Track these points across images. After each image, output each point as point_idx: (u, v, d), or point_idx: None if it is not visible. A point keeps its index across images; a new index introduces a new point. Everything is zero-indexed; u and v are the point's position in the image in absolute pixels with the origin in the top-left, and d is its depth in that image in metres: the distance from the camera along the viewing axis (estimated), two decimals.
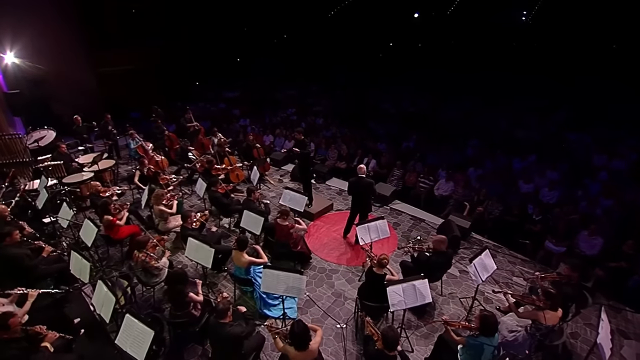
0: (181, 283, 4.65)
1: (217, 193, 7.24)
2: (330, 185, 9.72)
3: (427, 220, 8.07)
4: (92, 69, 14.60)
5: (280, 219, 6.10)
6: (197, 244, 5.59)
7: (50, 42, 12.87)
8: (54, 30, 13.08)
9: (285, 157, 10.75)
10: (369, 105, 16.64)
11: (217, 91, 18.60)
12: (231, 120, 14.29)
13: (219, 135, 10.06)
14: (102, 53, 14.71)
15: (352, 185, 6.78)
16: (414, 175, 10.04)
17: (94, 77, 14.66)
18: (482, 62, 19.67)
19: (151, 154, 9.42)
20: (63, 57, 13.44)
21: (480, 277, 5.05)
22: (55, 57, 13.12)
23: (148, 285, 5.56)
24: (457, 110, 15.18)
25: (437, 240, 5.32)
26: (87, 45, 14.31)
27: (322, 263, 6.71)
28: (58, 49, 13.22)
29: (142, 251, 5.44)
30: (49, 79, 13.17)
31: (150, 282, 5.52)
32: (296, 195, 6.99)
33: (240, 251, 5.36)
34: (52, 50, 13.00)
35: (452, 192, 9.27)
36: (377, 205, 8.57)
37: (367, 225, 5.97)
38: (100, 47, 14.57)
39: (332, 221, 7.95)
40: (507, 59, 19.47)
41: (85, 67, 14.42)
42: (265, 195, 9.00)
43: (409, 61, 21.69)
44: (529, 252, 7.32)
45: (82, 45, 14.19)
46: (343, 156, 11.12)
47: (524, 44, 19.53)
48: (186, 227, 6.06)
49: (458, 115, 14.77)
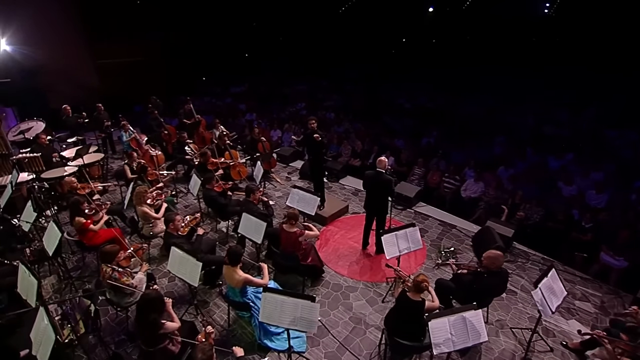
0: (155, 311, 3.35)
1: (212, 191, 5.94)
2: (344, 185, 8.36)
3: (458, 226, 6.68)
4: (92, 60, 13.42)
5: (286, 225, 4.76)
6: (181, 256, 4.30)
7: (46, 30, 11.70)
8: (50, 18, 11.90)
9: (294, 152, 9.42)
10: (382, 100, 15.26)
11: (224, 86, 17.36)
12: (237, 114, 13.02)
13: (220, 127, 8.78)
14: (102, 44, 13.51)
15: (369, 179, 5.44)
16: (438, 174, 8.66)
17: (94, 69, 13.48)
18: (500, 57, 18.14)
19: (145, 148, 8.16)
20: (60, 46, 12.26)
21: (550, 307, 3.66)
22: (52, 46, 11.94)
23: (120, 306, 4.27)
24: (478, 106, 13.74)
25: (491, 256, 3.93)
26: (86, 36, 13.13)
27: (337, 278, 5.36)
28: (55, 38, 12.06)
29: (110, 265, 4.16)
30: (46, 69, 12.00)
31: (122, 303, 4.24)
32: (306, 195, 5.66)
33: (232, 267, 4.04)
34: (49, 39, 11.82)
35: (482, 193, 7.88)
36: (399, 208, 7.20)
37: (395, 234, 4.61)
38: (100, 38, 13.37)
39: (348, 226, 6.60)
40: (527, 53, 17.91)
41: (85, 58, 13.25)
42: (270, 195, 7.68)
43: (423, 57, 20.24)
44: (578, 265, 5.93)
45: (82, 35, 13.01)
46: (357, 152, 9.77)
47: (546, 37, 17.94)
48: (170, 233, 4.77)
49: (480, 111, 13.33)
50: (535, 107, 12.94)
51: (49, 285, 5.34)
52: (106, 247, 4.24)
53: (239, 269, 4.06)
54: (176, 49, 15.71)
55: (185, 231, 5.05)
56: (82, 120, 8.98)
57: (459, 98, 14.98)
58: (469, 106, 14.02)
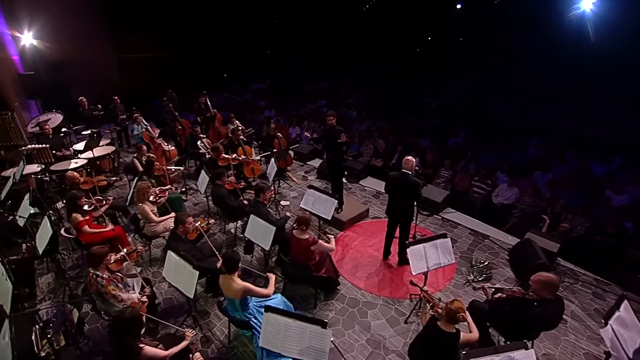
0: (129, 334, 2.77)
1: (222, 188, 5.35)
2: (364, 186, 7.64)
3: (492, 236, 5.83)
4: (115, 55, 13.22)
5: (297, 230, 4.11)
6: (177, 262, 3.73)
7: (71, 24, 11.50)
8: (75, 11, 11.70)
9: (312, 150, 8.77)
10: (406, 98, 14.41)
11: (245, 82, 16.92)
12: (255, 110, 12.50)
13: (236, 122, 8.25)
14: (126, 39, 13.28)
15: (393, 181, 4.72)
16: (467, 177, 7.82)
17: (117, 63, 13.28)
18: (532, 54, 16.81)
19: (158, 142, 7.73)
20: (85, 40, 12.04)
21: (626, 351, 2.84)
22: (76, 40, 11.74)
23: (108, 315, 3.74)
24: (510, 105, 12.69)
25: (543, 280, 3.13)
26: (110, 30, 12.92)
27: (354, 291, 4.67)
28: (80, 32, 11.83)
29: (98, 268, 3.64)
30: (70, 62, 11.84)
31: (111, 312, 3.68)
32: (323, 196, 5.00)
33: (229, 274, 3.43)
34: (73, 33, 11.62)
35: (517, 200, 7.01)
36: (425, 214, 6.41)
37: (424, 246, 3.88)
38: (124, 33, 13.12)
39: (368, 232, 5.89)
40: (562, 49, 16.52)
41: (109, 52, 13.05)
42: (285, 196, 7.08)
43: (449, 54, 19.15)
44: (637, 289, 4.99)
45: (106, 29, 12.80)
46: (380, 152, 9.04)
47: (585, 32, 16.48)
48: (178, 235, 4.19)
49: (511, 111, 12.29)
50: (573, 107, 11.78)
51: (45, 285, 4.93)
52: (93, 249, 3.71)
53: (237, 277, 3.45)
54: (198, 45, 15.37)
55: (194, 236, 4.50)
56: (97, 113, 8.66)
57: (488, 97, 13.97)
58: (500, 105, 13.00)
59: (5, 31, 10.37)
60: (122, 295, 3.67)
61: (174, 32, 14.68)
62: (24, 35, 10.68)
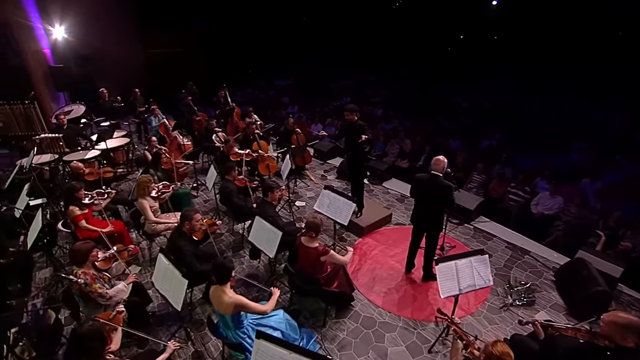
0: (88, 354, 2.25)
1: (231, 184, 4.82)
2: (388, 188, 6.92)
3: (533, 252, 4.97)
4: (143, 50, 13.13)
5: (305, 237, 3.49)
6: (166, 268, 3.20)
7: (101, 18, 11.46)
8: (105, 7, 11.68)
9: (333, 148, 8.12)
10: (435, 98, 13.48)
11: (269, 79, 16.50)
12: (278, 107, 12.01)
13: (254, 116, 7.74)
14: (152, 34, 13.15)
15: (420, 183, 4.00)
16: (503, 183, 6.93)
17: (144, 58, 13.19)
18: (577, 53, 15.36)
19: (174, 135, 7.34)
20: (114, 35, 12.02)
21: None
22: (105, 34, 11.73)
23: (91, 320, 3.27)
24: (551, 107, 11.52)
25: (619, 322, 2.32)
26: (138, 25, 12.83)
27: (370, 309, 3.99)
28: (109, 27, 11.79)
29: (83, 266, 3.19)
30: (98, 56, 11.83)
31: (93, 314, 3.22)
32: (339, 198, 4.35)
33: (219, 285, 2.86)
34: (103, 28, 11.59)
35: (560, 210, 6.09)
36: (455, 223, 5.62)
37: (455, 263, 3.15)
38: (151, 28, 13.00)
39: (390, 240, 5.18)
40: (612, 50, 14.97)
41: (136, 47, 12.97)
42: (301, 195, 6.48)
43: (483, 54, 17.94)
44: None
45: (134, 24, 12.73)
46: (406, 153, 8.27)
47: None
48: (183, 233, 3.67)
49: (552, 112, 11.13)
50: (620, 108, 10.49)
51: (42, 280, 4.59)
52: (76, 244, 3.26)
53: (230, 289, 2.87)
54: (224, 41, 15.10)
55: (200, 236, 3.98)
56: (117, 105, 8.41)
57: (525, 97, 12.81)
58: (538, 106, 11.84)
59: (38, 25, 10.44)
60: (108, 292, 3.22)
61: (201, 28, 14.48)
62: (56, 29, 10.72)
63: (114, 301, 3.29)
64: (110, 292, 3.25)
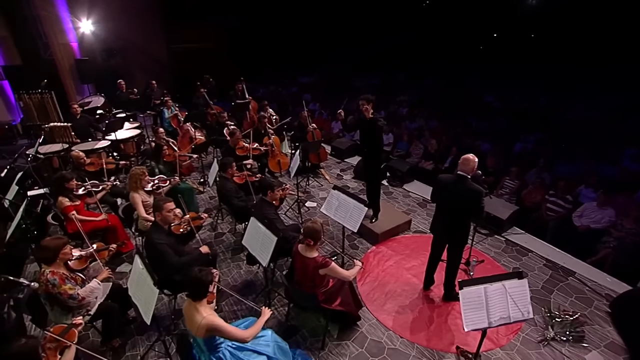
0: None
1: (229, 183, 4.33)
2: (409, 191, 6.23)
3: (578, 273, 4.16)
4: (166, 45, 13.03)
5: (302, 245, 2.93)
6: (140, 272, 2.74)
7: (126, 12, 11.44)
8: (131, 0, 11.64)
9: (352, 146, 7.52)
10: (465, 97, 12.54)
11: (292, 76, 16.05)
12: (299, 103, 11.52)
13: (269, 110, 7.27)
14: (177, 29, 13.01)
15: (444, 186, 3.33)
16: (540, 190, 6.07)
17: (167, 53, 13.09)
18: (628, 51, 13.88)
19: (186, 127, 6.99)
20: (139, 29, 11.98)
21: None
22: (131, 28, 11.71)
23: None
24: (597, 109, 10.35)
25: None
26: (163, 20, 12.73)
27: (379, 331, 3.37)
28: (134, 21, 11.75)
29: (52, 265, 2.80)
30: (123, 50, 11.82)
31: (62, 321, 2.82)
32: (349, 201, 3.77)
33: (193, 301, 2.35)
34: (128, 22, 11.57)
35: (611, 225, 5.19)
36: (483, 234, 4.88)
37: (484, 289, 2.48)
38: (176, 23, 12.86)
39: (407, 250, 4.52)
40: None
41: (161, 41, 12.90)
42: (313, 195, 5.92)
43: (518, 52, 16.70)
44: None
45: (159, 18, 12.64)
46: (431, 154, 7.52)
47: None
48: (159, 226, 3.22)
49: (598, 115, 9.97)
50: None
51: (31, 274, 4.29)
52: (45, 240, 2.87)
53: (206, 307, 2.36)
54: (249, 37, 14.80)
55: (180, 231, 3.51)
56: (133, 97, 8.21)
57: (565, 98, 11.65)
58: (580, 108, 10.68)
59: (66, 18, 10.51)
60: (80, 293, 2.82)
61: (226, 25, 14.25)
62: (83, 22, 10.75)
63: (87, 302, 2.90)
64: (81, 293, 2.85)
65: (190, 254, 3.31)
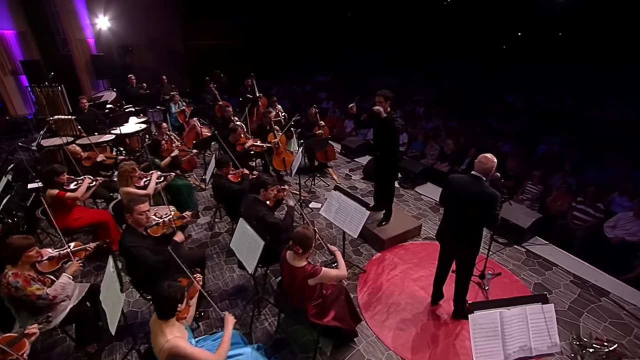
0: None
1: (223, 180, 4.03)
2: (421, 194, 5.78)
3: (613, 293, 3.62)
4: (183, 42, 12.95)
5: (290, 252, 2.57)
6: (111, 275, 2.46)
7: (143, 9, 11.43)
8: None
9: (363, 145, 7.13)
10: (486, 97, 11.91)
11: (308, 74, 15.73)
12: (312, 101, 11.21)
13: (278, 107, 6.97)
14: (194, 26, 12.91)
15: (456, 187, 2.89)
16: (566, 197, 5.50)
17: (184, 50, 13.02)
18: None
19: (192, 122, 6.78)
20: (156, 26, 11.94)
21: None
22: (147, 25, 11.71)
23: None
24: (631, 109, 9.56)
25: None
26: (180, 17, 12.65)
27: (378, 351, 2.97)
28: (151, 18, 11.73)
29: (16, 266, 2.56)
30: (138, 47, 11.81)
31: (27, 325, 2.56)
32: (350, 203, 3.40)
33: (159, 320, 2.04)
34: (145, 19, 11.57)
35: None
36: (501, 243, 4.39)
37: (499, 314, 2.05)
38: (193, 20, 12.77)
39: (416, 258, 4.09)
40: None
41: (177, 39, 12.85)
42: (318, 196, 5.56)
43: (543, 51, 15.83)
44: None
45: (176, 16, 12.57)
46: (447, 155, 7.03)
47: None
48: (132, 229, 2.94)
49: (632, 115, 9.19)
50: None
51: None
52: (11, 238, 2.63)
53: (171, 327, 2.04)
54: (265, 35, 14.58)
55: (159, 232, 3.22)
56: (143, 92, 8.08)
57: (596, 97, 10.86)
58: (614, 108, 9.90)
59: (85, 15, 10.56)
60: (50, 293, 2.59)
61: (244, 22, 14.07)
62: (100, 19, 10.79)
63: (60, 300, 2.66)
64: (51, 292, 2.60)
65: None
